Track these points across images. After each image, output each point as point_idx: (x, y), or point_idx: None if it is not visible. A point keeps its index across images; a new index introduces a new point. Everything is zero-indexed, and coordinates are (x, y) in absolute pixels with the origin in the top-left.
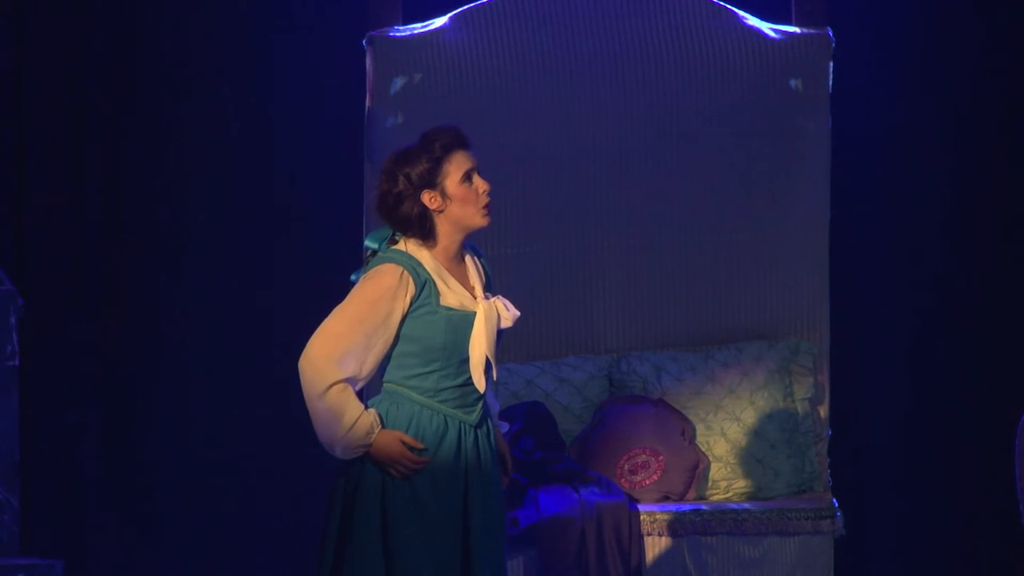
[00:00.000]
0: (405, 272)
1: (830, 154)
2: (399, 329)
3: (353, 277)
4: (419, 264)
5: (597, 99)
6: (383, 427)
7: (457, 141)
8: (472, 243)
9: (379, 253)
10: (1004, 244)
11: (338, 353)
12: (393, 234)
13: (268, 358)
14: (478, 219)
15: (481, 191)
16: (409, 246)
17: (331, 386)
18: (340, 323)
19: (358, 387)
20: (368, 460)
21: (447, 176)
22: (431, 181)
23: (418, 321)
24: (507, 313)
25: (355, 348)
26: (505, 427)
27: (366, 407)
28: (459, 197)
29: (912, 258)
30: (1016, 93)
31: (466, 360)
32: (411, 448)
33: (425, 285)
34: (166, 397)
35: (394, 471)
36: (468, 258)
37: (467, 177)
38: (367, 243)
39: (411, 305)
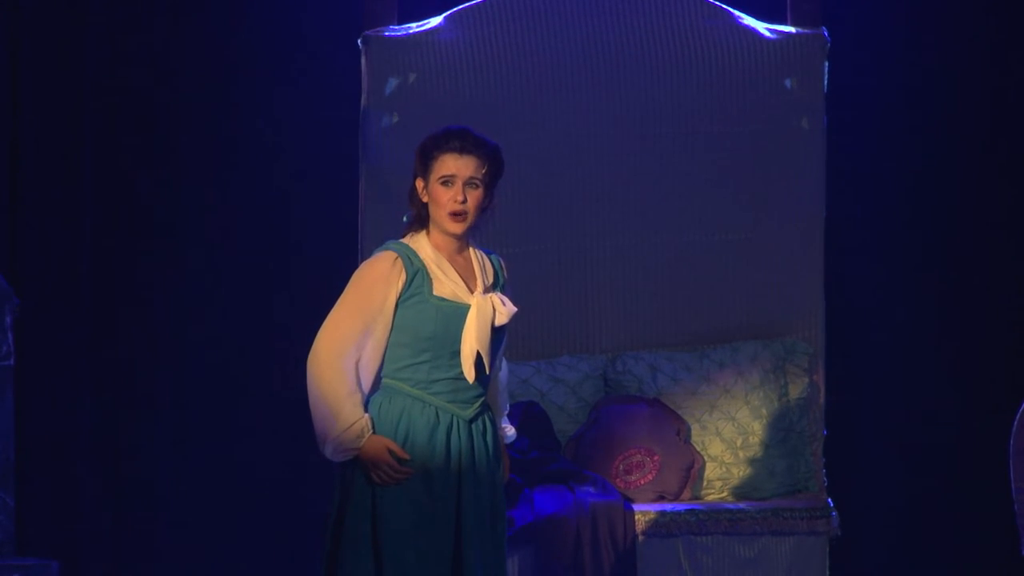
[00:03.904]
0: (398, 260)
1: (825, 153)
2: (394, 317)
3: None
4: (414, 253)
5: (592, 99)
6: (374, 432)
7: (456, 145)
8: (487, 249)
9: (385, 243)
10: (1000, 243)
11: (343, 346)
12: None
13: (264, 358)
14: (446, 223)
15: (448, 199)
16: (412, 236)
17: (335, 387)
18: (340, 313)
19: (365, 378)
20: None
21: (432, 172)
22: (423, 172)
23: (410, 310)
24: (503, 309)
25: (358, 336)
26: (512, 434)
27: (365, 405)
28: (434, 197)
29: (907, 258)
30: (1011, 92)
31: (458, 352)
32: (398, 459)
33: (417, 273)
34: (162, 397)
35: (376, 476)
36: (475, 254)
37: (445, 181)
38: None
39: (403, 292)
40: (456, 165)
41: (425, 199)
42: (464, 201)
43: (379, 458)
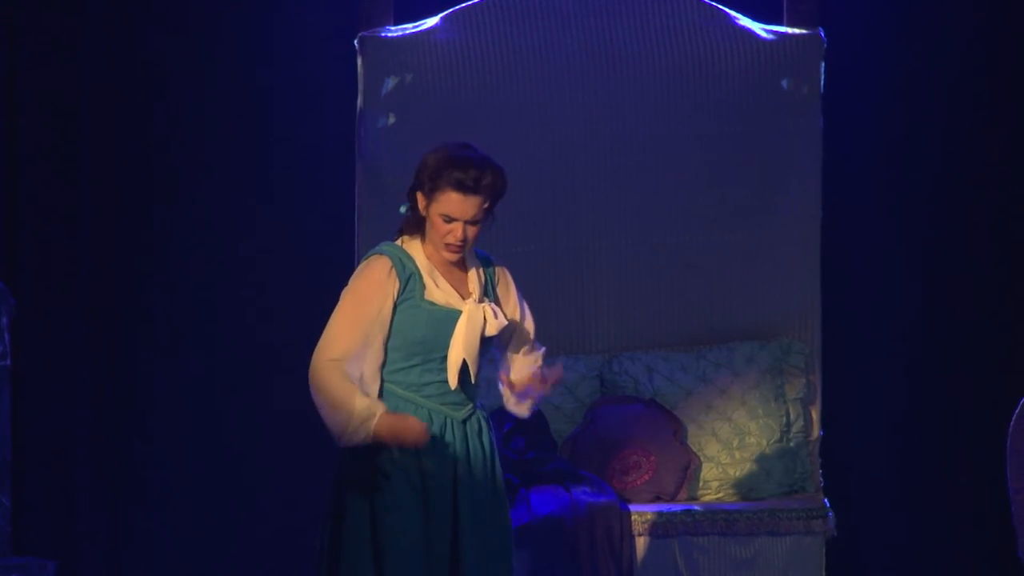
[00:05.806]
0: (392, 266)
1: (822, 154)
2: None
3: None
4: (408, 258)
5: (588, 99)
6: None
7: (462, 183)
8: (485, 252)
9: (379, 245)
10: (996, 244)
11: (343, 355)
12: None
13: (261, 359)
14: (441, 250)
15: (446, 232)
16: (407, 241)
17: (340, 384)
18: (338, 324)
19: (372, 390)
20: (354, 454)
21: (435, 201)
22: (425, 192)
23: (403, 314)
24: (494, 320)
25: (357, 347)
26: (526, 410)
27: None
28: (433, 224)
29: (904, 258)
30: (1008, 92)
31: (447, 357)
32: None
33: (410, 279)
34: (159, 398)
35: (403, 441)
36: (471, 262)
37: (447, 219)
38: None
39: (398, 298)
40: (460, 208)
41: (424, 213)
42: (463, 240)
43: (397, 423)
